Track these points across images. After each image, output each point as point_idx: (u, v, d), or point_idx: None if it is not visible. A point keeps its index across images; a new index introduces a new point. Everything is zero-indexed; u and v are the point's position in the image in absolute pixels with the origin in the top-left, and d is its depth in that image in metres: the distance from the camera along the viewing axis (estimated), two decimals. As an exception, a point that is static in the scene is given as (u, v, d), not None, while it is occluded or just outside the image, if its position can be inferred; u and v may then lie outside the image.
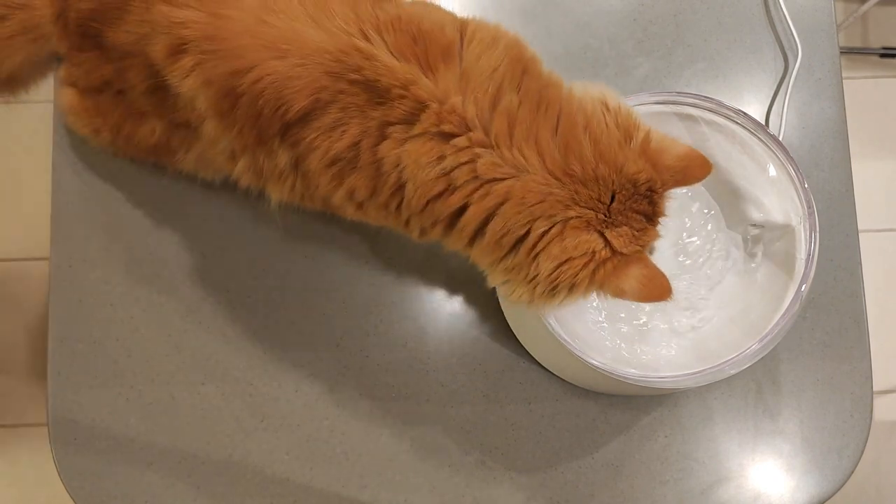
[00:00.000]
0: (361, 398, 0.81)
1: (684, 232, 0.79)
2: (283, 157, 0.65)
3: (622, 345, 0.75)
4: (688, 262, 0.78)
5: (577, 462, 0.81)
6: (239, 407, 0.81)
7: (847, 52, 1.77)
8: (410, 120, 0.60)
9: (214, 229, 0.84)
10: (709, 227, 0.79)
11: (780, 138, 0.84)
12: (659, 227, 0.65)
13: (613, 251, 0.62)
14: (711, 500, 0.81)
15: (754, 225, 0.77)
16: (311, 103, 0.61)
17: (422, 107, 0.60)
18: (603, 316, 0.77)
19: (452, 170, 0.61)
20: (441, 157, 0.61)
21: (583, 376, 0.79)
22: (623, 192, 0.62)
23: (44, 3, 0.74)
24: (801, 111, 0.89)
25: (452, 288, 0.84)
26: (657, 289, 0.63)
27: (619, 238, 0.62)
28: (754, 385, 0.83)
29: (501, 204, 0.61)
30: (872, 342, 0.85)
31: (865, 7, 1.59)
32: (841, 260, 0.86)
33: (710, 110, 0.75)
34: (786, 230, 0.74)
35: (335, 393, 0.81)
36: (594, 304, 0.77)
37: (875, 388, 0.84)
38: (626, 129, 0.64)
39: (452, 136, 0.60)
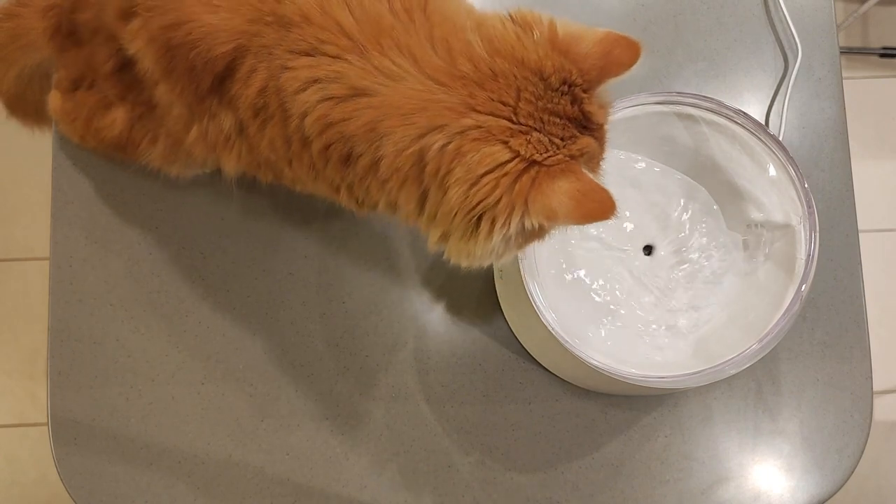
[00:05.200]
0: (361, 398, 0.81)
1: (684, 232, 0.79)
2: (227, 120, 0.63)
3: (622, 345, 0.75)
4: (687, 262, 0.78)
5: (577, 462, 0.81)
6: (239, 407, 0.81)
7: (847, 52, 1.77)
8: (312, 50, 0.56)
9: (215, 229, 0.84)
10: (708, 227, 0.79)
11: (780, 138, 0.84)
12: (596, 135, 0.55)
13: (529, 161, 0.52)
14: (711, 500, 0.81)
15: (754, 225, 0.77)
16: (233, 51, 0.59)
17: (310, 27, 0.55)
18: (603, 314, 0.77)
19: (329, 90, 0.54)
20: (317, 79, 0.54)
21: (583, 376, 0.79)
22: (529, 90, 0.53)
23: (31, 12, 0.75)
24: (801, 111, 0.89)
25: (453, 288, 0.84)
26: (596, 205, 0.52)
27: (530, 145, 0.52)
28: (754, 385, 0.83)
29: (380, 121, 0.53)
30: (872, 342, 0.85)
31: (865, 7, 1.59)
32: (841, 260, 0.86)
33: (710, 110, 0.75)
34: (786, 230, 0.74)
35: (335, 392, 0.81)
36: (593, 301, 0.77)
37: (875, 388, 0.84)
38: (526, 24, 0.55)
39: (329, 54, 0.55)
